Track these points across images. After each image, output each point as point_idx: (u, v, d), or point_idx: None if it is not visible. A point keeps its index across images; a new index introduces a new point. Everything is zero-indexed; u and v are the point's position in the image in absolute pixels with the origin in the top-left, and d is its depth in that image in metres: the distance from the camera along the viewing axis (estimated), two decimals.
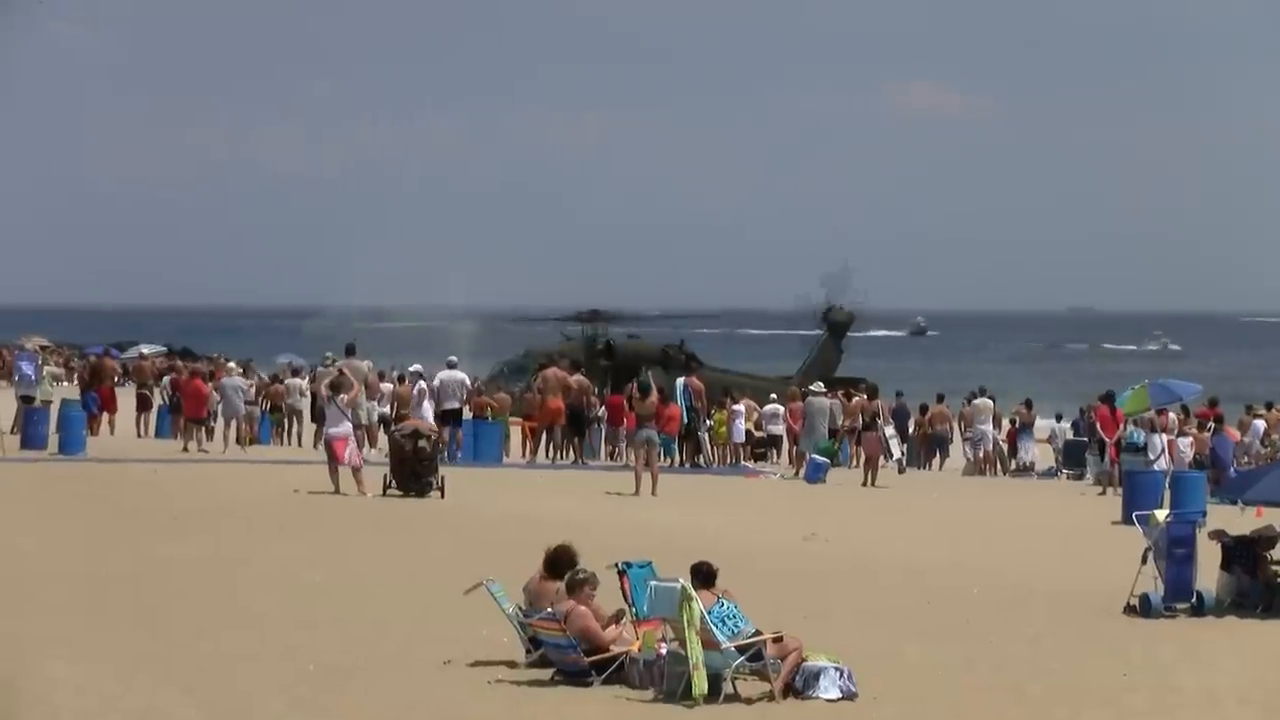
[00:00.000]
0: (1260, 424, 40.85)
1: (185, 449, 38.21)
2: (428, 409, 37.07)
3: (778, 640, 14.62)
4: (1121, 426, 36.02)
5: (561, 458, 39.75)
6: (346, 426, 29.14)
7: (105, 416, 42.84)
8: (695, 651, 14.25)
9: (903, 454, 40.17)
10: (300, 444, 42.55)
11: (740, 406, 43.14)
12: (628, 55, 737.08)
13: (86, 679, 14.56)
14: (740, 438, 42.92)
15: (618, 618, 15.30)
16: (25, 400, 39.14)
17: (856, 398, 40.83)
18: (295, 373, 47.13)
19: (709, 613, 14.45)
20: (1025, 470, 43.61)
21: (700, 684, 14.17)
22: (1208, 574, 19.74)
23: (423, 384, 38.14)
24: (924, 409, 45.23)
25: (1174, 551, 19.30)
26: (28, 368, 40.48)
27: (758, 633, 14.62)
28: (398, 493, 28.78)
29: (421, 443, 29.04)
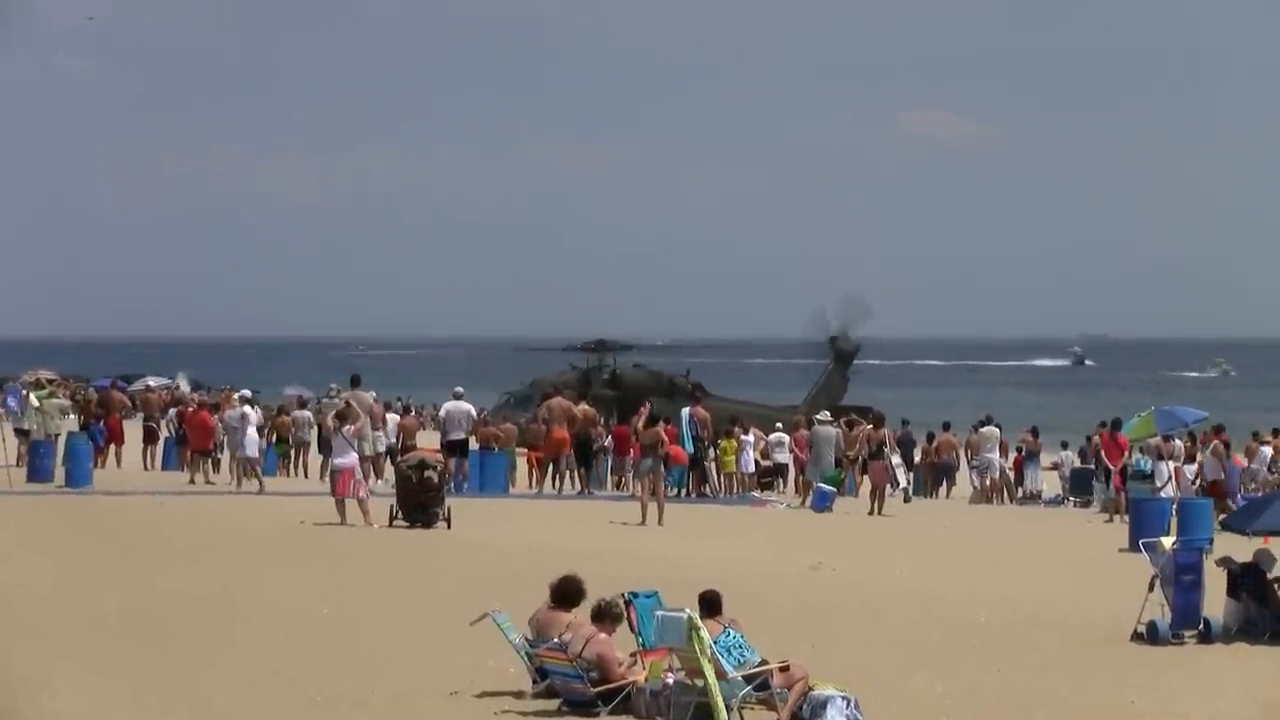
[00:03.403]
0: (1267, 450, 40.84)
1: (191, 481, 38.21)
2: (254, 436, 36.98)
3: (784, 669, 14.60)
4: (1127, 453, 35.99)
5: (570, 488, 39.72)
6: (352, 457, 29.17)
7: (112, 449, 42.88)
8: (711, 681, 14.20)
9: (909, 483, 40.13)
10: (307, 475, 42.55)
11: (750, 437, 43.12)
12: (636, 84, 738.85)
13: (92, 710, 14.55)
14: (750, 468, 42.88)
15: (632, 660, 15.22)
16: (20, 433, 39.26)
17: (858, 427, 40.80)
18: (302, 404, 47.13)
19: (715, 642, 14.43)
20: (1032, 498, 43.58)
21: (720, 713, 14.08)
22: (1215, 601, 19.72)
23: (247, 409, 37.90)
24: (930, 437, 45.24)
25: (1181, 578, 19.27)
26: (12, 400, 40.51)
27: (764, 662, 14.60)
28: (404, 523, 28.76)
29: (428, 473, 29.03)
